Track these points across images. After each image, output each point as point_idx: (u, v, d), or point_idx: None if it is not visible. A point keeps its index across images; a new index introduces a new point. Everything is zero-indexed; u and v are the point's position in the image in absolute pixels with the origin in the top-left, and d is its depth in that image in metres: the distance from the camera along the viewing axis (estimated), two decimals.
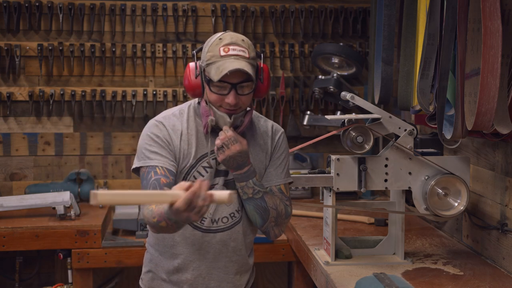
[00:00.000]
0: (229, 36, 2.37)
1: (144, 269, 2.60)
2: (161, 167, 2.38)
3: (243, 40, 2.38)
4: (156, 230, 2.32)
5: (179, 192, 2.01)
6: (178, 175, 2.44)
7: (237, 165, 2.40)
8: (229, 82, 2.34)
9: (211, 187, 2.44)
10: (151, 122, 2.49)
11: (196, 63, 2.43)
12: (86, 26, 4.26)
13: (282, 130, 2.59)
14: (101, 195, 1.84)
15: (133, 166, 2.46)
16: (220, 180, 2.47)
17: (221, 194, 2.05)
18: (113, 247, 3.73)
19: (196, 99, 2.53)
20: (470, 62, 2.49)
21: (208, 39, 2.42)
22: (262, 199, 2.45)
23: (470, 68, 2.49)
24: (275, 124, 2.59)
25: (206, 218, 2.46)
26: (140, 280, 2.62)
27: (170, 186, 2.31)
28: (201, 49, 2.44)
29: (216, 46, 2.35)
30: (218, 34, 2.39)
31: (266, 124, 2.57)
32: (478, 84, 2.37)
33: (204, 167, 2.45)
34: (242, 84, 2.35)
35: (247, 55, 2.35)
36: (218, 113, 2.40)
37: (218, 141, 2.38)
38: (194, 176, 2.45)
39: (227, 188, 2.47)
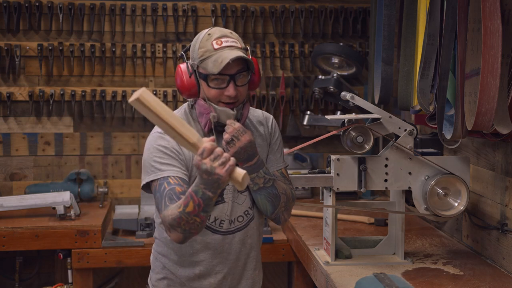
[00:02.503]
0: (218, 30, 2.37)
1: (157, 276, 2.52)
2: (174, 176, 2.30)
3: (231, 32, 2.39)
4: (180, 232, 2.20)
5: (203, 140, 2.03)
6: (190, 183, 2.35)
7: (247, 156, 2.35)
8: (228, 74, 2.33)
9: (222, 190, 2.42)
10: (154, 135, 2.39)
11: (187, 63, 2.40)
12: (86, 26, 4.26)
13: (272, 116, 2.58)
14: (145, 92, 1.88)
15: (143, 182, 2.36)
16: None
17: (240, 171, 2.04)
18: (113, 247, 3.73)
19: (186, 104, 2.49)
20: (470, 62, 2.49)
21: (196, 38, 2.40)
22: (273, 186, 2.41)
23: (470, 68, 2.49)
24: (264, 112, 2.58)
25: (224, 221, 2.44)
26: None
27: (185, 195, 2.21)
28: (188, 49, 2.43)
29: (207, 42, 2.34)
30: (205, 31, 2.39)
31: (257, 114, 2.56)
32: (478, 84, 2.37)
33: None
34: (239, 74, 2.35)
35: (239, 46, 2.36)
36: (219, 109, 2.37)
37: (226, 135, 2.32)
38: None
39: (238, 190, 2.44)
